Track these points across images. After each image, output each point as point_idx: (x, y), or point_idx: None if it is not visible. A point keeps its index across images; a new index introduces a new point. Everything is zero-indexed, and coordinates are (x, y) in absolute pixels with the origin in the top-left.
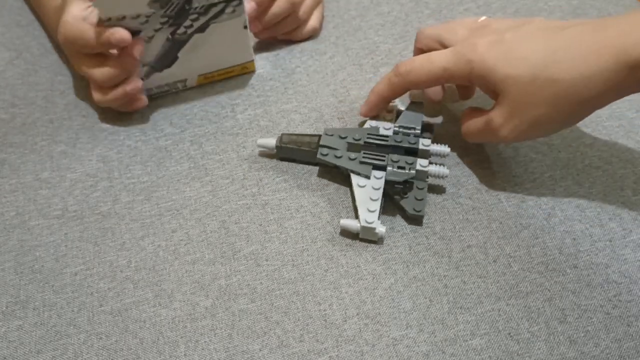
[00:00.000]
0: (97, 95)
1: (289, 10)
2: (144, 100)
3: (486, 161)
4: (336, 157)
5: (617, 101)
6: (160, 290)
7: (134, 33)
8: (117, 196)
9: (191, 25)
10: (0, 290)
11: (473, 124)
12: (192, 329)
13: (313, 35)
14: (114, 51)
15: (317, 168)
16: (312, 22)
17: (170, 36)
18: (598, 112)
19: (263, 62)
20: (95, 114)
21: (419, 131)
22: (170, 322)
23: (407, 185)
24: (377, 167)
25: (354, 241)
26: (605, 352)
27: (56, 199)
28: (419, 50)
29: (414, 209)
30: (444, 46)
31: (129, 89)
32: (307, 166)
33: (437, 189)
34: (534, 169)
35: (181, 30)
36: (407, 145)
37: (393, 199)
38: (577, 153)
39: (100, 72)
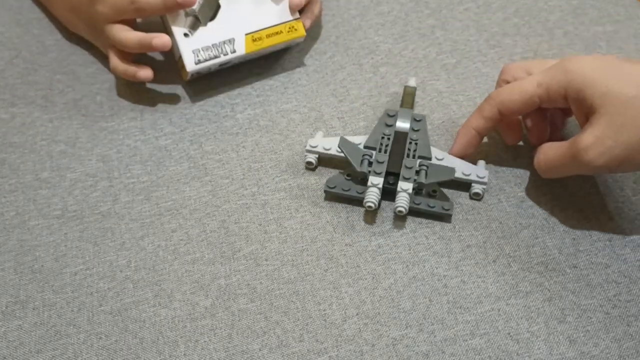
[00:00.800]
0: (122, 34)
1: None
2: (149, 71)
3: (485, 161)
4: (387, 124)
5: None
6: (160, 290)
7: None
8: (117, 196)
9: None
10: (0, 290)
11: (553, 149)
12: (191, 329)
13: (316, 22)
14: None
15: (316, 168)
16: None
17: None
18: None
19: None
20: (95, 112)
21: (421, 181)
22: (170, 321)
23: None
24: (371, 147)
25: (353, 241)
26: (605, 351)
27: (56, 198)
28: (503, 82)
29: (328, 185)
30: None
31: (156, 42)
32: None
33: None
34: (534, 169)
35: None
36: (400, 171)
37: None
38: None
39: None
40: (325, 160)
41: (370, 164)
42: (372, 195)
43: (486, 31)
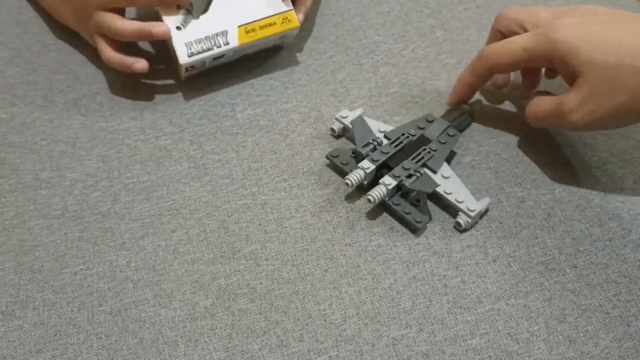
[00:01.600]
0: (118, 22)
1: None
2: (145, 63)
3: (485, 161)
4: (418, 126)
5: None
6: (160, 290)
7: None
8: (117, 196)
9: None
10: (0, 290)
11: (542, 105)
12: (191, 329)
13: (310, 15)
14: None
15: (316, 168)
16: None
17: None
18: None
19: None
20: (95, 112)
21: (404, 183)
22: (169, 321)
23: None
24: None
25: (353, 241)
26: (605, 351)
27: (56, 198)
28: (496, 32)
29: (331, 153)
30: (525, 29)
31: (155, 31)
32: (306, 165)
33: None
34: (534, 169)
35: None
36: (398, 166)
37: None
38: (577, 153)
39: None
40: (349, 136)
41: (374, 150)
42: (355, 175)
43: (486, 31)
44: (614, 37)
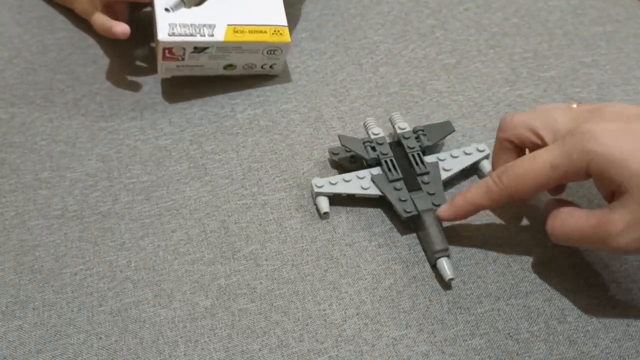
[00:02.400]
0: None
1: None
2: (125, 27)
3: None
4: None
5: (616, 102)
6: (160, 290)
7: None
8: (117, 196)
9: None
10: (0, 290)
11: (573, 223)
12: (191, 329)
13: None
14: None
15: (316, 168)
16: None
17: None
18: None
19: None
20: (95, 112)
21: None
22: (169, 322)
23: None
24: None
25: (353, 241)
26: (605, 352)
27: (56, 198)
28: (504, 141)
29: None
30: (539, 137)
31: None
32: (306, 165)
33: None
34: None
35: None
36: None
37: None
38: None
39: None
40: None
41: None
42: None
43: (486, 31)
44: None
